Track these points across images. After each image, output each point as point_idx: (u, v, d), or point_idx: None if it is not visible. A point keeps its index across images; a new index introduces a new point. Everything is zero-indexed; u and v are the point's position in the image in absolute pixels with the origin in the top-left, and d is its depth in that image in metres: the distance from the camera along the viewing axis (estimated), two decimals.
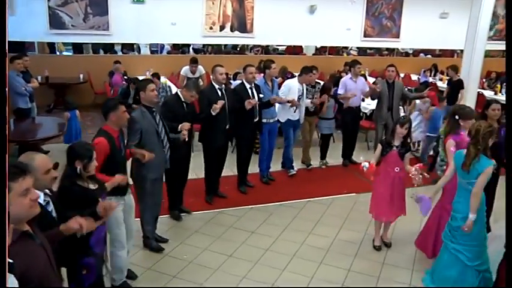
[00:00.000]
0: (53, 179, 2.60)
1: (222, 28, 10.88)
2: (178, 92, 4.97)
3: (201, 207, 5.40)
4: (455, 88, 8.51)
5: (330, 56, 13.83)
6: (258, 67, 6.94)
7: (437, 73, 12.69)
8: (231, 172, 6.14)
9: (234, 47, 13.83)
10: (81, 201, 2.84)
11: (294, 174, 6.58)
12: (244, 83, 5.68)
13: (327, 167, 7.04)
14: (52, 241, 2.25)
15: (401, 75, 12.12)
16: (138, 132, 4.01)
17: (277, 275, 4.14)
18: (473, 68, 8.01)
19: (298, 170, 6.73)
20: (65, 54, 12.18)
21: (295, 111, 6.30)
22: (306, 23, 11.43)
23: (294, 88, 6.30)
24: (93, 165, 2.97)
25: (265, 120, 5.95)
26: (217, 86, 5.28)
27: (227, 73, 9.23)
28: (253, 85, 5.65)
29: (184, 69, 9.23)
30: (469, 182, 3.55)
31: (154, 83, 4.74)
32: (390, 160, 4.35)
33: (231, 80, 8.90)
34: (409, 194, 4.35)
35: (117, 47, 12.82)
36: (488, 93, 10.03)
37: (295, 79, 6.56)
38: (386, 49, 14.57)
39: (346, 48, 14.40)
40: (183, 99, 4.80)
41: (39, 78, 8.73)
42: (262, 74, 6.42)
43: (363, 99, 7.54)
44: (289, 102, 6.10)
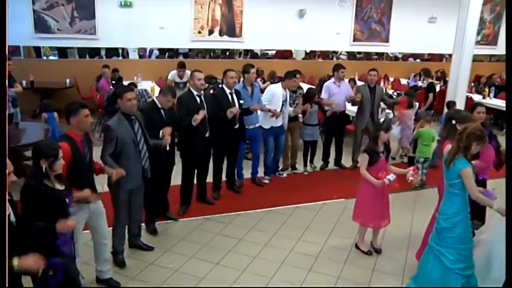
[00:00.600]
0: None
1: (210, 32, 10.83)
2: (155, 99, 4.78)
3: (188, 214, 5.29)
4: (426, 91, 8.76)
5: (320, 61, 13.82)
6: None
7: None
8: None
9: (223, 51, 13.76)
10: (46, 200, 2.80)
11: (266, 183, 6.35)
12: (224, 88, 5.50)
13: (315, 171, 6.95)
14: None
15: (391, 79, 12.18)
16: (113, 141, 3.84)
17: (265, 283, 4.05)
18: (461, 72, 8.03)
19: (288, 176, 6.68)
20: (51, 58, 12.00)
21: (277, 118, 6.12)
22: (295, 27, 11.44)
23: (278, 94, 6.12)
24: (60, 164, 2.90)
25: (246, 126, 5.77)
26: (195, 93, 5.07)
27: (215, 78, 9.19)
28: (233, 90, 5.50)
29: (172, 74, 9.11)
30: (451, 184, 3.53)
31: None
32: (380, 167, 4.30)
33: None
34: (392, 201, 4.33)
35: (102, 52, 12.67)
36: (476, 98, 10.06)
37: (279, 84, 6.36)
38: (376, 53, 14.61)
39: (336, 52, 14.40)
40: (160, 106, 4.63)
41: (24, 82, 8.56)
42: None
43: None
44: (270, 111, 5.95)
